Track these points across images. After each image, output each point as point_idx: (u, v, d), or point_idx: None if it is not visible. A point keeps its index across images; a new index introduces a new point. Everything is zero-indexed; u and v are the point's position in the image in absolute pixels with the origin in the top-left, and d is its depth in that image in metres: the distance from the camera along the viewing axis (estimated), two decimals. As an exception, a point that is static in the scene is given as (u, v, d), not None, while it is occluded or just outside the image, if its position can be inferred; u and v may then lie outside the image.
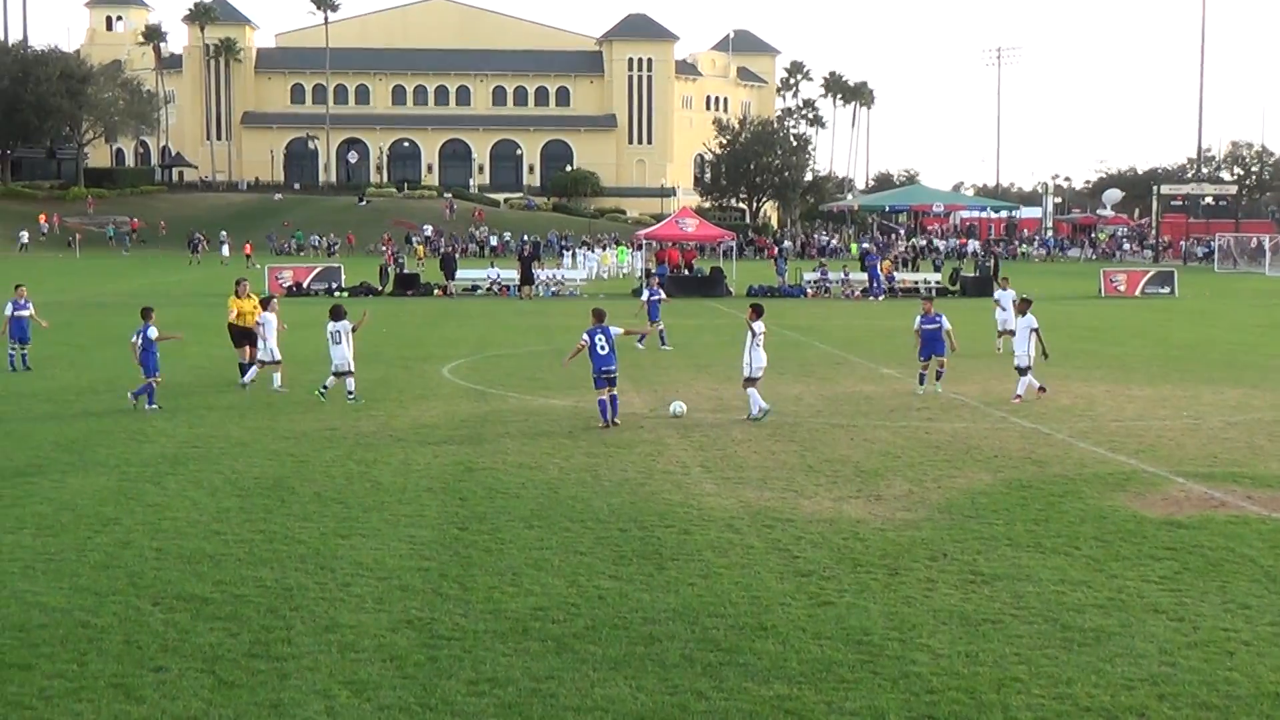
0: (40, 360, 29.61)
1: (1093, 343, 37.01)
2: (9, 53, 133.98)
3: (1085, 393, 25.54)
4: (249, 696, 9.17)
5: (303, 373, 27.95)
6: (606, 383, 21.14)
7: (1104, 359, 31.98)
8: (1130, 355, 33.46)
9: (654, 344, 33.84)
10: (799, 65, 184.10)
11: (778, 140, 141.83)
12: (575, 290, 61.21)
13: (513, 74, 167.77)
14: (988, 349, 32.21)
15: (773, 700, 9.18)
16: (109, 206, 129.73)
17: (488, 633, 10.58)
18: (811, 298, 58.45)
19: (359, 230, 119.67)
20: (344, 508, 15.14)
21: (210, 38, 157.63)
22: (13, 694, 9.17)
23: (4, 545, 13.31)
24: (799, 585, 12.01)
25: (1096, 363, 31.16)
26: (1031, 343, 24.50)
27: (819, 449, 19.21)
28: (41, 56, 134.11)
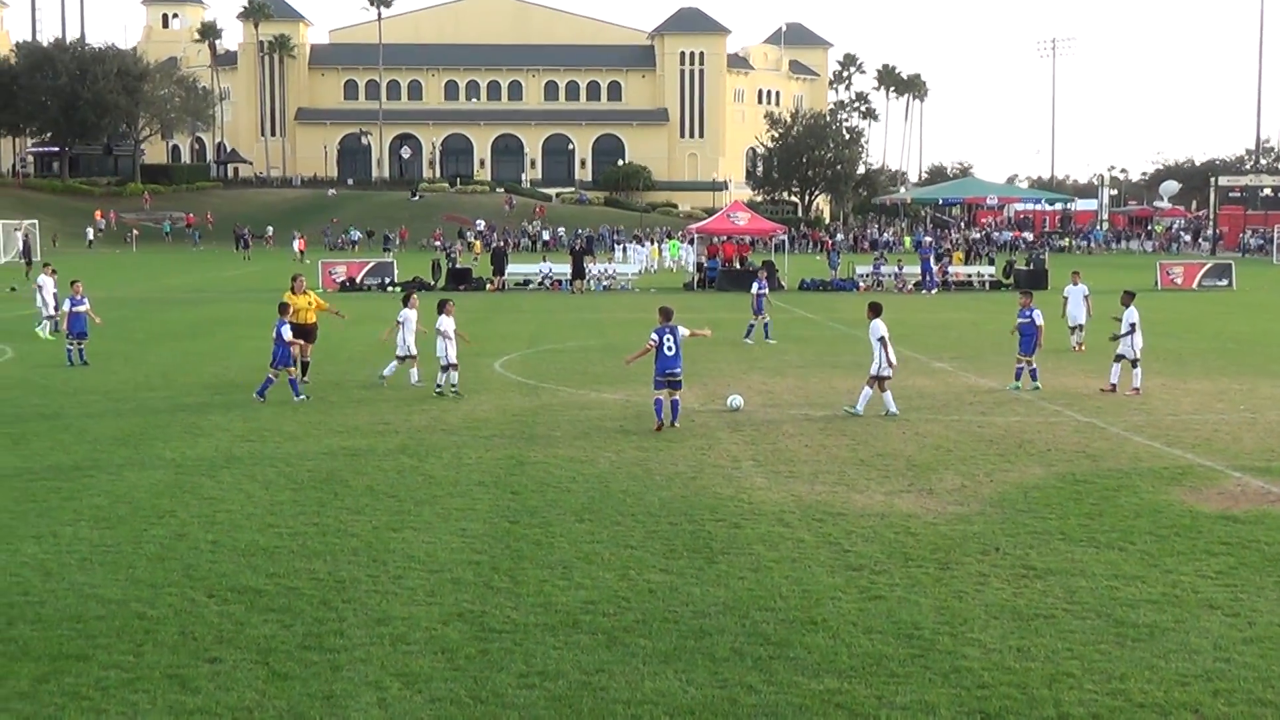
0: (97, 355, 29.95)
1: (1148, 336, 36.42)
2: (67, 51, 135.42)
3: (1141, 385, 25.28)
4: (302, 688, 9.25)
5: (356, 368, 28.16)
6: (667, 385, 20.32)
7: (1160, 352, 31.64)
8: (1186, 348, 33.14)
9: (760, 337, 34.61)
10: (852, 58, 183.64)
11: (830, 134, 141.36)
12: (627, 285, 61.23)
13: (565, 68, 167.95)
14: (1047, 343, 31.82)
15: (823, 694, 9.16)
16: (164, 203, 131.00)
17: (538, 626, 10.62)
18: (864, 291, 58.16)
19: (411, 225, 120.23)
20: (396, 501, 15.23)
21: (265, 34, 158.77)
22: (70, 684, 9.29)
23: (62, 537, 13.48)
24: (849, 579, 11.98)
25: (1152, 356, 30.81)
26: (1137, 335, 24.48)
27: (870, 443, 19.15)
28: (99, 54, 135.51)
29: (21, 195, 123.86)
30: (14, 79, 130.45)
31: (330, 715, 8.78)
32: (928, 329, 38.60)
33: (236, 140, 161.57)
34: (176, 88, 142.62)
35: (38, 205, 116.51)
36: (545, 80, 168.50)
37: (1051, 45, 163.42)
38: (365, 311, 44.52)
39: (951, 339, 35.42)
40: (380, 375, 25.33)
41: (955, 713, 8.86)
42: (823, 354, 31.54)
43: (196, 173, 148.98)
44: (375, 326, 38.08)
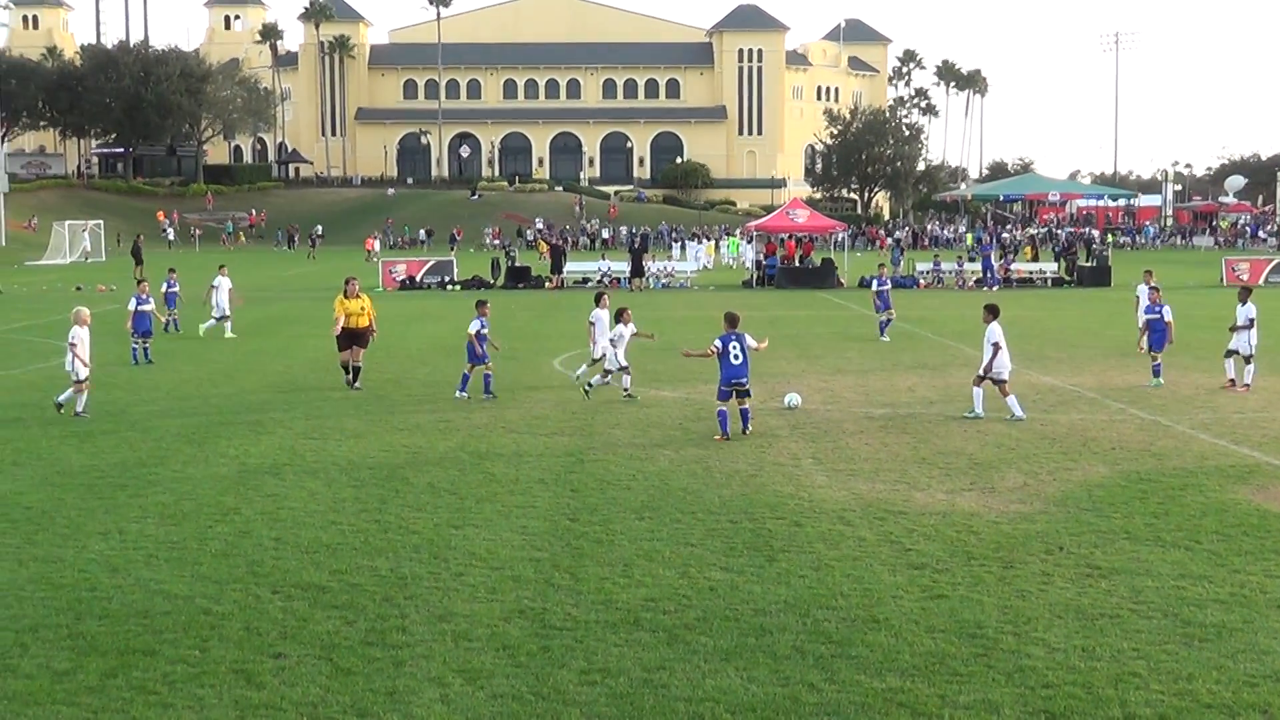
0: (162, 354, 30.30)
1: (1214, 332, 36.10)
2: (131, 53, 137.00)
3: (1206, 384, 25.00)
4: (365, 684, 9.31)
5: (416, 366, 28.30)
6: (734, 394, 19.31)
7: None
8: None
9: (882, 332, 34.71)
10: (911, 54, 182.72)
11: (889, 130, 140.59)
12: (685, 282, 61.19)
13: (623, 66, 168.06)
14: (1105, 341, 31.57)
15: (885, 693, 9.12)
16: (226, 203, 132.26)
17: (599, 623, 10.64)
18: (924, 288, 57.84)
19: (471, 224, 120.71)
20: (457, 498, 15.30)
21: (325, 35, 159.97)
22: (138, 679, 9.40)
23: (129, 534, 13.64)
24: (911, 578, 11.92)
25: (1218, 353, 30.45)
26: (1253, 332, 24.23)
27: (932, 441, 19.03)
28: (162, 56, 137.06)
29: (87, 196, 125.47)
30: (79, 81, 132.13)
31: (393, 711, 8.83)
32: (989, 326, 38.28)
33: (297, 140, 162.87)
34: (238, 89, 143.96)
35: (102, 206, 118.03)
36: (604, 78, 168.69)
37: (1115, 39, 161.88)
38: (425, 310, 44.81)
39: (1013, 336, 34.95)
40: (583, 380, 24.36)
41: (1019, 712, 8.79)
42: (883, 352, 31.38)
43: (258, 173, 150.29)
44: (433, 325, 38.30)
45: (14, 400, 23.51)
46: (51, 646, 10.09)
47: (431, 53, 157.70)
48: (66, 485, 16.14)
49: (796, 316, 41.77)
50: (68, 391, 21.72)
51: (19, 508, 14.87)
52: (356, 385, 24.44)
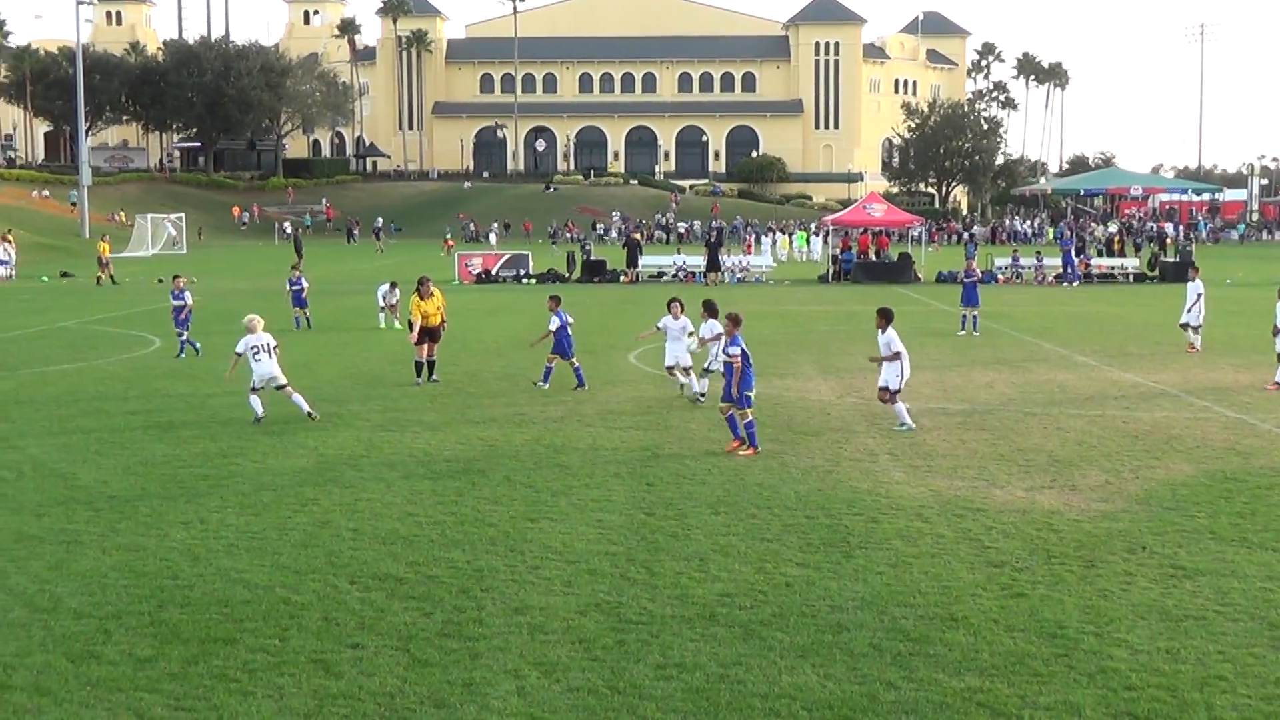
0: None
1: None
2: (212, 48, 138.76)
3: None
4: (442, 675, 9.35)
5: (492, 360, 28.41)
6: (750, 402, 18.07)
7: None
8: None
9: (969, 328, 34.33)
10: (990, 46, 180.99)
11: (968, 123, 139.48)
12: (761, 277, 60.97)
13: (699, 60, 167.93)
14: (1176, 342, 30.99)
15: (964, 692, 9.02)
16: (305, 196, 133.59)
17: (675, 618, 10.61)
18: (1003, 284, 57.24)
19: (544, 218, 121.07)
20: (533, 491, 15.33)
21: (403, 30, 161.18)
22: (218, 667, 9.50)
23: (210, 523, 13.80)
24: (990, 576, 11.79)
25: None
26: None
27: (1011, 437, 18.82)
28: (243, 51, 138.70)
29: (169, 189, 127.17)
30: (161, 76, 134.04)
31: (470, 702, 8.85)
32: (1069, 322, 37.87)
33: (375, 134, 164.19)
34: (317, 83, 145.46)
35: (184, 199, 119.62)
36: (679, 72, 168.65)
37: (1200, 30, 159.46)
38: (501, 304, 44.98)
39: (1094, 332, 34.67)
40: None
41: (1101, 714, 8.66)
42: (961, 348, 31.09)
43: (336, 166, 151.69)
44: (509, 319, 38.44)
45: (98, 391, 23.87)
46: (134, 634, 10.22)
47: (508, 47, 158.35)
48: (149, 475, 16.36)
49: (872, 312, 41.42)
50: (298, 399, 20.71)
51: (103, 497, 15.09)
52: (434, 378, 24.54)
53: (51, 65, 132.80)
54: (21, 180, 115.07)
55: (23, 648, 9.90)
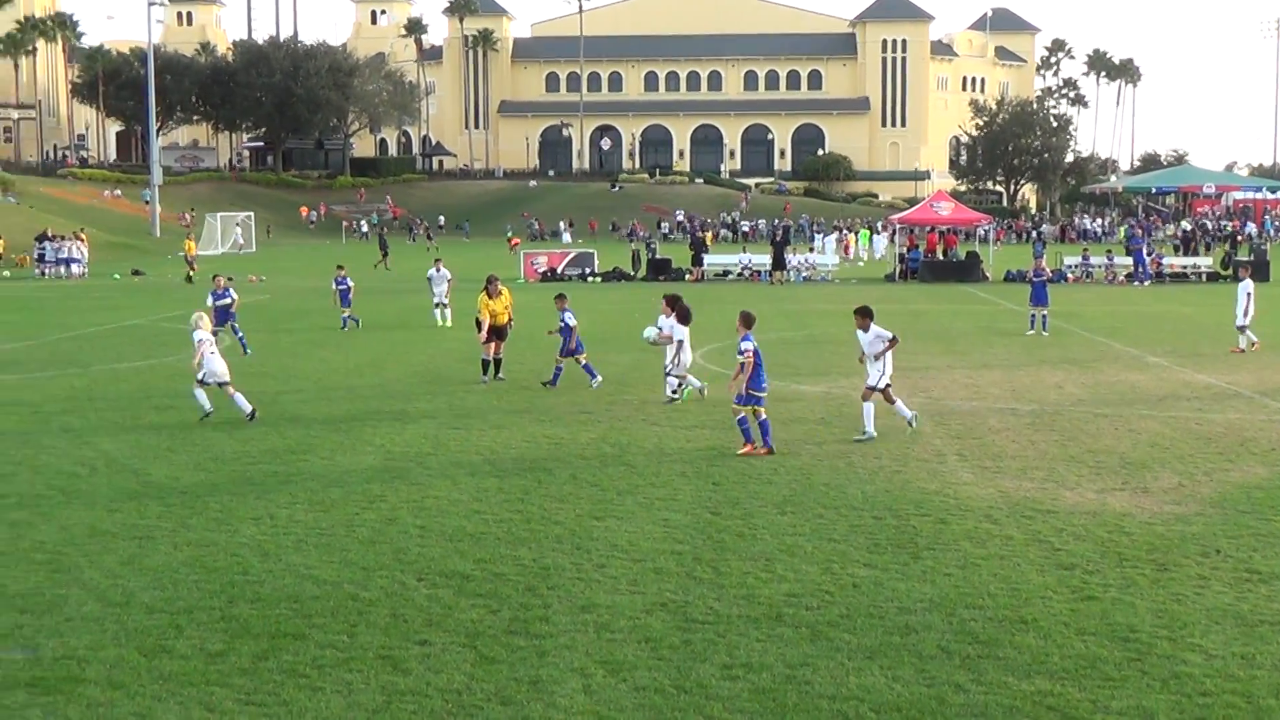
0: (308, 344, 30.90)
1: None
2: (281, 48, 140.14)
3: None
4: (509, 672, 9.37)
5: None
6: (762, 402, 17.85)
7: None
8: None
9: (1038, 328, 33.87)
10: (1060, 43, 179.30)
11: (1037, 121, 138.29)
12: (826, 275, 60.72)
13: (764, 58, 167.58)
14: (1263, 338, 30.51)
15: (1034, 696, 8.92)
16: (371, 195, 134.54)
17: (741, 618, 10.58)
18: (1072, 283, 56.64)
19: (608, 216, 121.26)
20: (599, 490, 15.34)
21: (469, 29, 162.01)
22: (288, 662, 9.57)
23: (279, 519, 13.92)
24: (1060, 579, 11.66)
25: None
26: None
27: (1081, 439, 18.62)
28: (311, 51, 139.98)
29: (238, 188, 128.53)
30: (231, 76, 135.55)
31: (536, 700, 8.87)
32: (1140, 321, 37.44)
33: (441, 133, 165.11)
34: (384, 82, 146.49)
35: (253, 198, 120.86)
36: (745, 70, 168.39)
37: (1276, 25, 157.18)
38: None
39: (1166, 332, 34.26)
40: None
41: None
42: (1030, 348, 30.80)
43: (403, 165, 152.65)
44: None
45: (168, 388, 24.14)
46: (205, 628, 10.32)
47: (573, 46, 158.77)
48: (219, 471, 16.54)
49: (939, 310, 41.22)
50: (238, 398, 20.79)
51: (174, 492, 15.27)
52: (500, 377, 24.63)
53: (123, 66, 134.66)
54: (94, 180, 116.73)
55: (96, 641, 10.03)
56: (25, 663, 9.58)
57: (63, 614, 10.70)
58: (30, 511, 14.31)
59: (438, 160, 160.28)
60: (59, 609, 10.83)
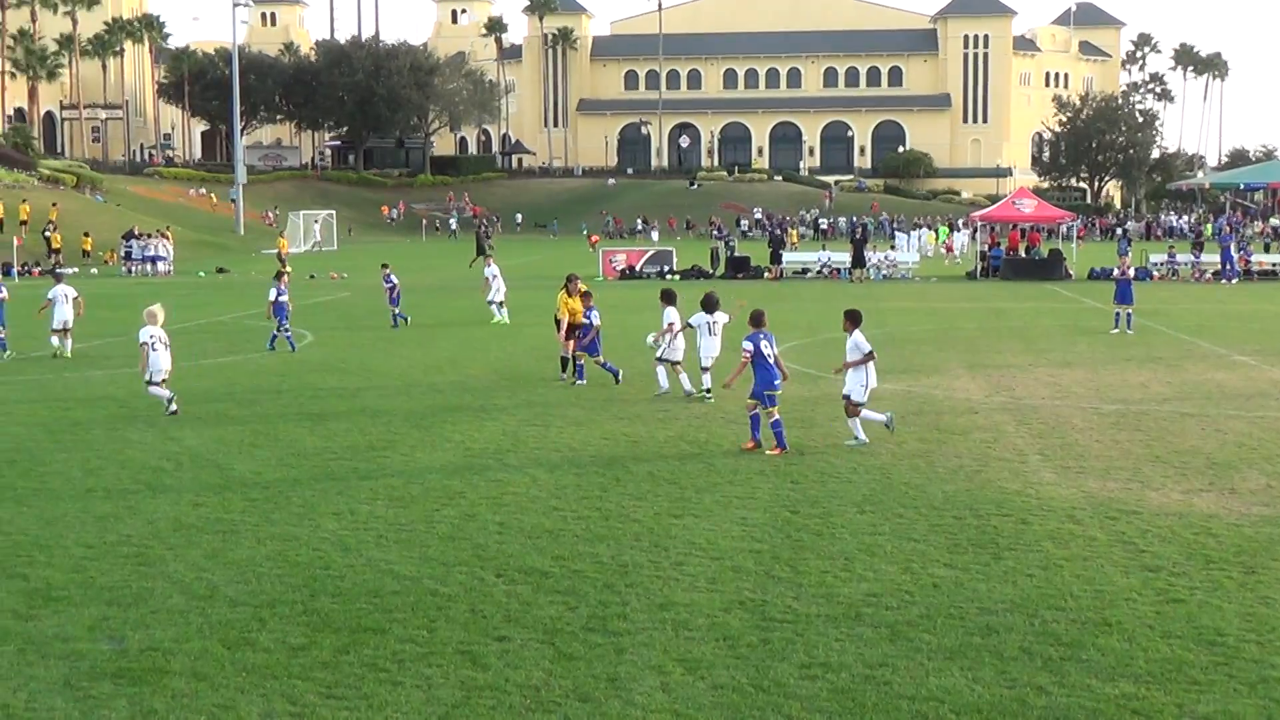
0: (388, 341, 31.15)
1: None
2: (363, 48, 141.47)
3: None
4: (587, 669, 9.38)
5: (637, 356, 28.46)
6: (773, 400, 17.80)
7: None
8: None
9: (1124, 327, 33.41)
10: (1146, 37, 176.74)
11: (1122, 117, 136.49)
12: (907, 273, 60.29)
13: (844, 55, 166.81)
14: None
15: (1118, 699, 8.80)
16: (451, 193, 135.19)
17: (820, 617, 10.52)
18: (1158, 280, 55.82)
19: (686, 214, 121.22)
20: (677, 488, 15.33)
21: (549, 27, 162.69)
22: (368, 656, 9.65)
23: (360, 514, 14.04)
24: (1145, 580, 11.49)
25: None
26: None
27: (1167, 439, 18.34)
28: (392, 50, 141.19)
29: (320, 187, 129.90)
30: (314, 76, 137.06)
31: (614, 697, 8.87)
32: (1228, 320, 36.82)
33: (521, 131, 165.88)
34: (464, 81, 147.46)
35: (334, 196, 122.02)
36: (824, 67, 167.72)
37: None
38: (645, 300, 45.04)
39: (1254, 331, 33.68)
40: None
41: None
42: (1114, 346, 30.39)
43: (483, 164, 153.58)
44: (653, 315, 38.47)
45: (251, 384, 24.44)
46: (287, 622, 10.43)
47: (652, 43, 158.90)
48: (301, 466, 16.71)
49: (1022, 308, 40.79)
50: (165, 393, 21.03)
51: (257, 487, 15.45)
52: (571, 377, 24.68)
53: (208, 66, 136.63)
54: (179, 179, 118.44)
55: (181, 634, 10.17)
56: (112, 654, 9.74)
57: (149, 606, 10.87)
58: (117, 505, 14.55)
59: (517, 159, 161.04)
60: (145, 601, 11.00)
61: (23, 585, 11.47)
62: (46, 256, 67.77)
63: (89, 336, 31.83)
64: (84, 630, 10.26)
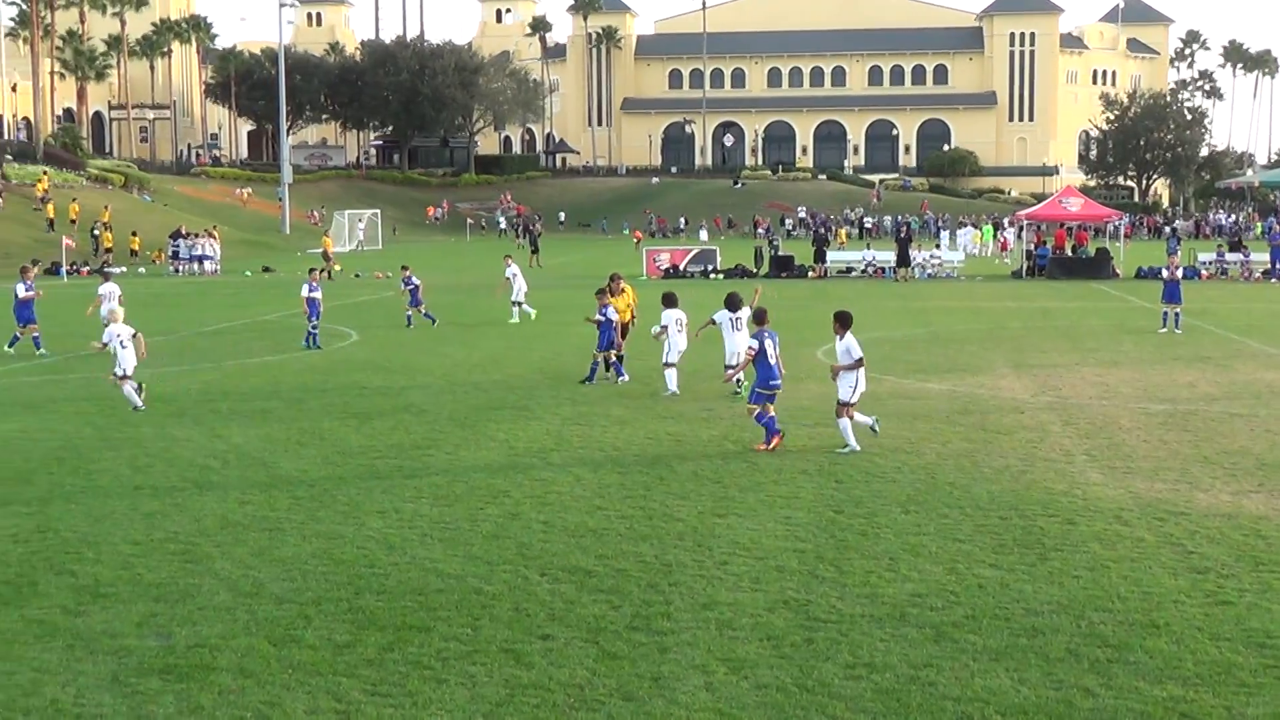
0: (432, 339, 31.26)
1: None
2: (408, 47, 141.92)
3: None
4: (631, 668, 9.38)
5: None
6: (770, 398, 17.78)
7: None
8: None
9: (1171, 326, 33.15)
10: (1195, 34, 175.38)
11: (1170, 114, 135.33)
12: (952, 272, 59.98)
13: (889, 53, 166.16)
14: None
15: (1166, 701, 8.72)
16: (496, 193, 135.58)
17: (864, 617, 10.48)
18: (1206, 280, 55.28)
19: (731, 213, 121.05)
20: (721, 487, 15.31)
21: (593, 27, 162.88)
22: (413, 654, 9.68)
23: (404, 513, 14.09)
24: (1194, 582, 11.38)
25: None
26: None
27: (1215, 439, 18.16)
28: (437, 50, 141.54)
29: (365, 186, 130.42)
30: (359, 75, 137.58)
31: (658, 696, 8.87)
32: (1278, 319, 36.44)
33: (565, 130, 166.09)
34: (509, 80, 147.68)
35: (380, 195, 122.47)
36: (869, 65, 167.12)
37: None
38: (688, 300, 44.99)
39: (1303, 330, 33.31)
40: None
41: (1314, 729, 8.30)
42: (1162, 345, 30.13)
43: (527, 163, 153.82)
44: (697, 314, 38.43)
45: (298, 383, 24.58)
46: (333, 619, 10.49)
47: (697, 42, 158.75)
48: (346, 465, 16.79)
49: (1068, 308, 40.51)
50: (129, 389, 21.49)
51: (303, 485, 15.54)
52: (623, 374, 24.68)
53: (255, 66, 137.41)
54: (226, 178, 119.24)
55: (227, 631, 10.24)
56: (159, 650, 9.81)
57: (195, 603, 10.95)
58: (164, 502, 14.67)
59: (561, 158, 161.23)
60: (192, 598, 11.08)
61: (71, 582, 11.58)
62: (93, 255, 68.40)
63: (137, 335, 32.07)
64: (132, 626, 10.36)
